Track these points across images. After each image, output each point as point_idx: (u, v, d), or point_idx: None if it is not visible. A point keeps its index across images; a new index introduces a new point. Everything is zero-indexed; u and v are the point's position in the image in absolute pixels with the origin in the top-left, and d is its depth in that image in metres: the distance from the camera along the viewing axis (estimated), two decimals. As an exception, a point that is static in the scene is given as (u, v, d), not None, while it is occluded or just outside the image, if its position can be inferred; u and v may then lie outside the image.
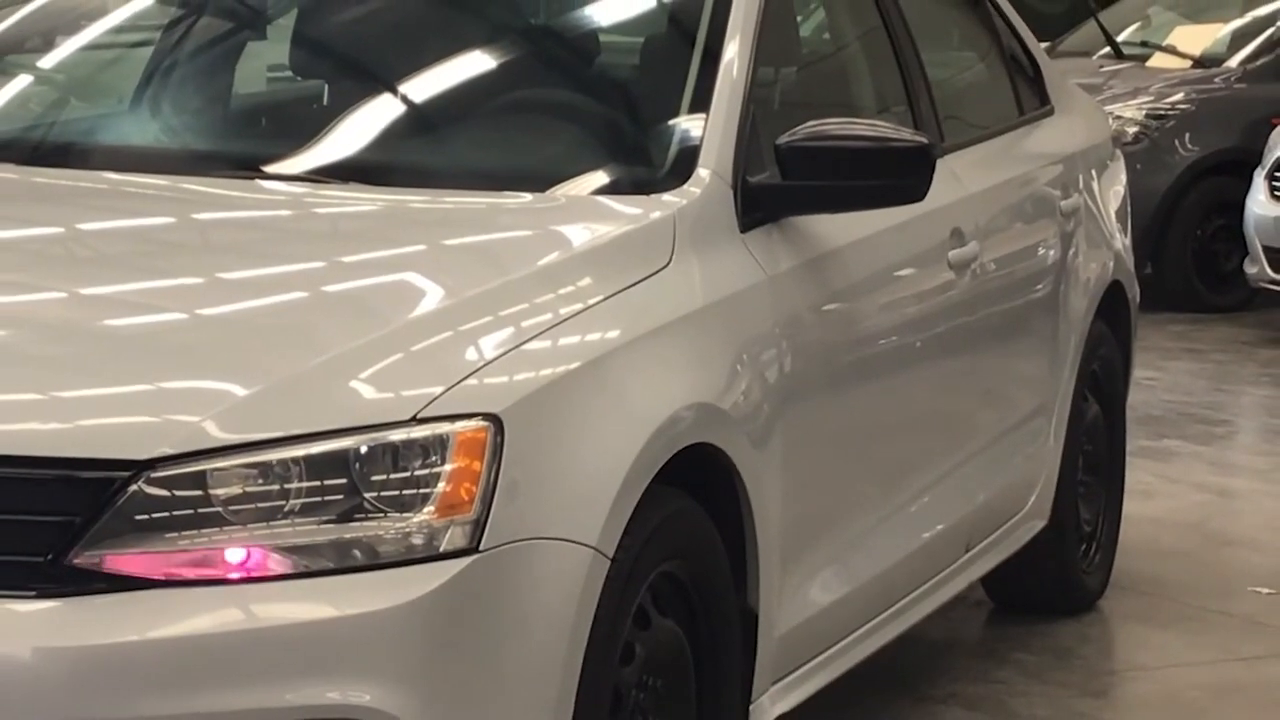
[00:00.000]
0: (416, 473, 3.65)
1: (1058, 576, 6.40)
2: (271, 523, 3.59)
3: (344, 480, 3.62)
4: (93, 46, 5.53)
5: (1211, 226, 12.26)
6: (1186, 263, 12.28)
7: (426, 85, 5.08)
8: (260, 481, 3.60)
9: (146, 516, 3.55)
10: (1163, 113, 12.41)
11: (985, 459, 5.74)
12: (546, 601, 3.74)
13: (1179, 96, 12.54)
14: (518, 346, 3.92)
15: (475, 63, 5.17)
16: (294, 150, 4.86)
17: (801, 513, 4.61)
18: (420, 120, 5.05)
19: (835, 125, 4.68)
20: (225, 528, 3.57)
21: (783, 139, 4.63)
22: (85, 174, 4.86)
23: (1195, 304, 12.17)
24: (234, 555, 3.56)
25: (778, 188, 4.66)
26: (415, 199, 4.58)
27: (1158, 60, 13.15)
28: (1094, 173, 6.61)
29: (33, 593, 3.51)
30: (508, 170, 4.72)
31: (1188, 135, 12.38)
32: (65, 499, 3.55)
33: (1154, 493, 7.83)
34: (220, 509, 3.57)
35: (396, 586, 3.59)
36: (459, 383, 3.76)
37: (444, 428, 3.69)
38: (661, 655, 4.13)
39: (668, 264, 4.35)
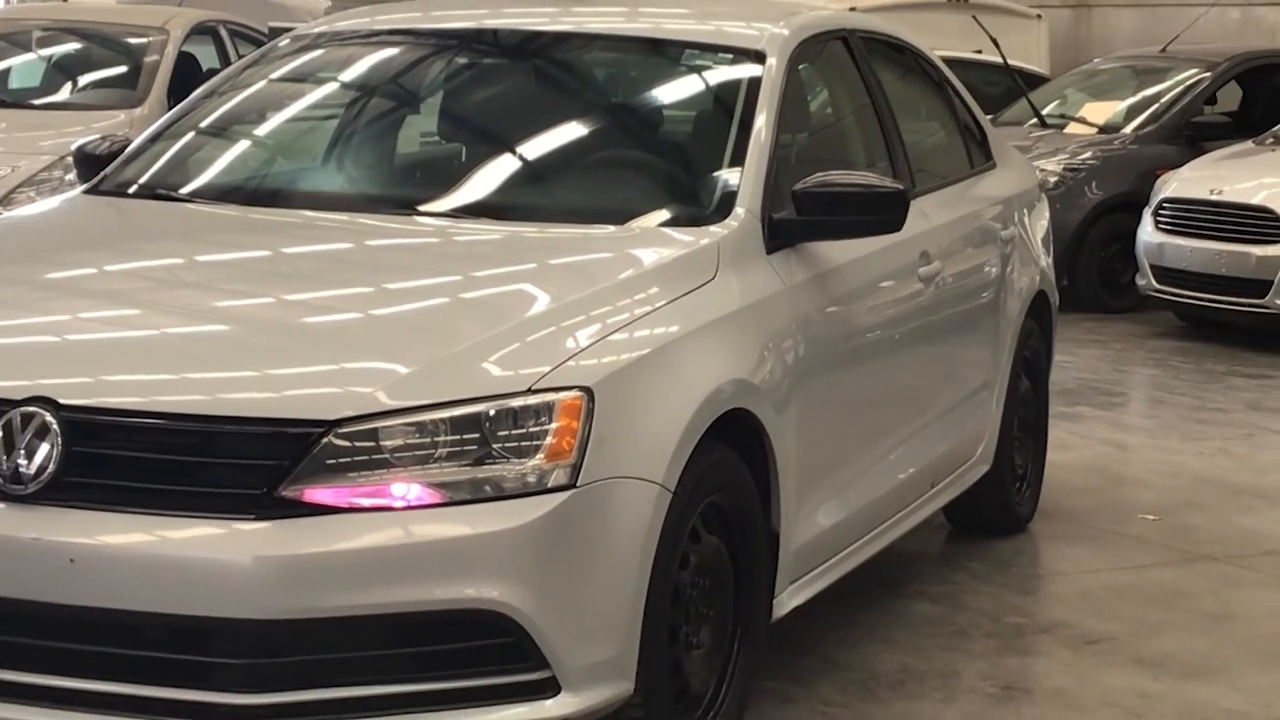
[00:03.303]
0: (530, 430, 3.66)
1: (998, 506, 6.37)
2: (425, 466, 3.61)
3: (478, 435, 3.64)
4: (294, 119, 5.53)
5: (1112, 250, 12.18)
6: (1093, 276, 12.21)
7: (537, 147, 5.07)
8: (417, 435, 3.62)
9: (334, 461, 3.57)
10: (1076, 166, 12.34)
11: (945, 420, 5.72)
12: (626, 523, 3.75)
13: (1088, 154, 12.48)
14: (604, 338, 3.93)
15: (572, 130, 5.16)
16: (440, 194, 4.86)
17: (811, 460, 4.61)
18: (532, 172, 5.04)
19: (836, 175, 4.69)
20: (391, 469, 3.59)
21: (798, 186, 4.63)
22: (288, 212, 4.85)
23: (1100, 307, 12.10)
24: (398, 489, 3.59)
25: (794, 221, 4.65)
26: (529, 230, 4.57)
27: (1072, 128, 13.08)
28: (1025, 210, 6.58)
29: (252, 516, 3.54)
30: (596, 209, 4.70)
31: (1094, 183, 12.31)
32: (276, 448, 3.58)
33: (1069, 446, 7.80)
34: (388, 455, 3.60)
35: (516, 513, 3.61)
36: (561, 364, 3.77)
37: (551, 397, 3.70)
38: (709, 563, 4.14)
39: (713, 277, 4.35)
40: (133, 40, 10.98)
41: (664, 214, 4.67)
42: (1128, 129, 12.80)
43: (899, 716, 4.66)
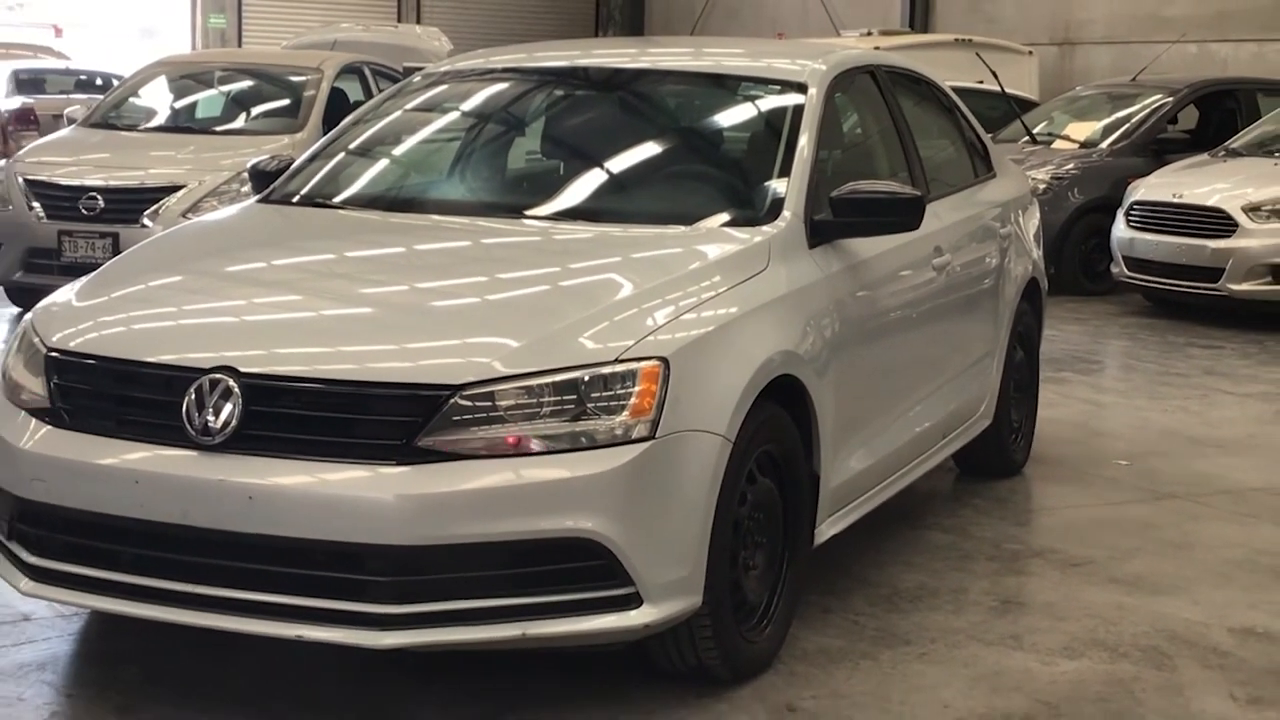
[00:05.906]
0: (618, 392, 3.67)
1: (998, 454, 6.33)
2: (532, 421, 3.62)
3: (575, 397, 3.65)
4: (425, 141, 5.55)
5: (1091, 244, 12.11)
6: (1076, 266, 12.16)
7: (621, 162, 5.07)
8: (526, 397, 3.63)
9: (459, 417, 3.60)
10: (1061, 175, 12.26)
11: (955, 384, 5.69)
12: (695, 467, 3.75)
13: (1071, 165, 12.38)
14: (677, 317, 3.93)
15: (649, 148, 5.16)
16: (543, 201, 4.86)
17: (845, 416, 4.59)
18: (617, 183, 5.04)
19: (865, 184, 4.67)
20: (505, 424, 3.61)
21: (834, 193, 4.62)
22: (419, 216, 4.86)
23: (1081, 291, 12.04)
24: (510, 441, 3.60)
25: (831, 222, 4.63)
26: (615, 230, 4.56)
27: (1058, 144, 12.98)
28: (1020, 212, 6.53)
29: (394, 462, 3.57)
30: (670, 212, 4.69)
31: (1076, 189, 12.22)
32: (413, 407, 3.60)
33: (1055, 404, 7.75)
34: (502, 413, 3.61)
35: (606, 459, 3.62)
36: (643, 338, 3.78)
37: (634, 365, 3.71)
38: (762, 500, 4.14)
39: (765, 268, 4.34)
40: (294, 78, 11.07)
41: (725, 216, 4.65)
42: (1104, 144, 12.70)
43: (917, 625, 4.64)
